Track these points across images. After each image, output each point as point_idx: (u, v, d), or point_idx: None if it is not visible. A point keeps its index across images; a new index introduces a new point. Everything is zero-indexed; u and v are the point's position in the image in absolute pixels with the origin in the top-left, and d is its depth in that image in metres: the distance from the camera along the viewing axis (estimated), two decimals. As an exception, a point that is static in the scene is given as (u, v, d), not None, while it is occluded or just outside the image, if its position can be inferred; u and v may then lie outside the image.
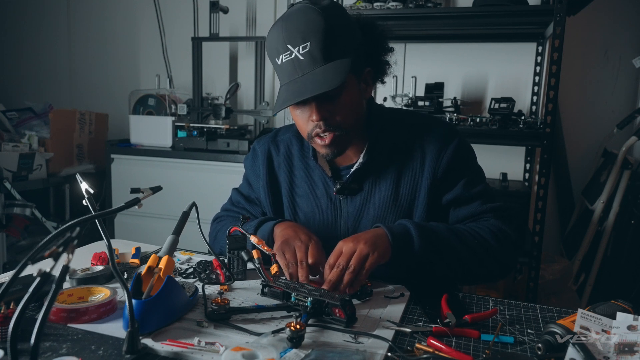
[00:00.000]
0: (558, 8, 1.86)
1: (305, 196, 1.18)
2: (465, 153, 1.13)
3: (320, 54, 0.97)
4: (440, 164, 1.09)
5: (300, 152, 1.21)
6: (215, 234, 1.25)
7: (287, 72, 1.00)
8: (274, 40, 1.00)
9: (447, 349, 0.73)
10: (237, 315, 0.84)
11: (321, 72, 0.97)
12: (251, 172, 1.27)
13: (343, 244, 0.96)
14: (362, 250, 0.94)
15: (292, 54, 0.98)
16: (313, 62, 0.97)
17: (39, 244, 0.57)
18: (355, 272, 0.92)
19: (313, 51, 0.96)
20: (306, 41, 0.96)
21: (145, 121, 2.71)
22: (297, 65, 0.98)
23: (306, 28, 0.96)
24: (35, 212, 2.47)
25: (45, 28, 3.46)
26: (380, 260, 0.95)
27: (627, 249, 2.24)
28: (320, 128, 1.03)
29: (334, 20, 0.98)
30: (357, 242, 0.95)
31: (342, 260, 0.93)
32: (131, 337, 0.70)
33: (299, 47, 0.97)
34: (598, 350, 0.68)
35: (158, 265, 0.86)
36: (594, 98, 2.51)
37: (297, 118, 1.07)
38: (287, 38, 0.97)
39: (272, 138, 1.26)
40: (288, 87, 1.00)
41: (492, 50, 2.53)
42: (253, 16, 2.94)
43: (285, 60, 0.99)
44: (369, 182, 1.12)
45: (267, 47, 1.04)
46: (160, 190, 0.84)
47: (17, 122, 2.86)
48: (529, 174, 2.52)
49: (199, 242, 1.08)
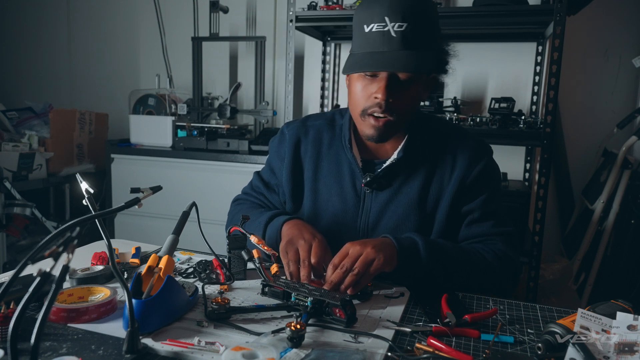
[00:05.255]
0: (558, 8, 1.86)
1: (329, 185, 1.17)
2: (495, 172, 1.16)
3: (414, 39, 0.97)
4: (470, 175, 1.10)
5: (331, 139, 1.20)
6: (232, 217, 1.26)
7: (372, 42, 1.00)
8: (372, 6, 0.99)
9: (447, 349, 0.73)
10: (237, 315, 0.84)
11: (408, 55, 0.97)
12: (275, 155, 1.26)
13: (350, 246, 0.96)
14: (368, 254, 0.93)
15: (385, 26, 0.97)
16: (404, 44, 0.97)
17: (39, 243, 0.57)
18: (358, 275, 0.92)
19: (407, 33, 0.97)
20: (405, 21, 0.96)
21: (145, 121, 2.71)
22: (387, 40, 0.98)
23: (411, 8, 0.97)
24: (35, 212, 2.47)
25: (45, 28, 3.46)
26: (386, 267, 0.95)
27: (627, 249, 2.24)
28: (381, 107, 1.03)
29: (433, 11, 1.01)
30: (364, 246, 0.95)
31: (347, 261, 0.93)
32: (131, 337, 0.70)
33: (396, 24, 0.96)
34: (598, 350, 0.68)
35: (158, 265, 0.86)
36: (594, 98, 2.51)
37: (357, 90, 1.06)
38: (388, 10, 0.97)
39: (302, 123, 1.25)
40: (369, 56, 1.00)
41: (492, 50, 2.52)
42: (253, 16, 2.94)
43: (376, 30, 0.98)
44: (399, 180, 1.12)
45: (361, 9, 1.02)
46: (160, 190, 0.84)
47: (17, 122, 2.86)
48: (529, 173, 2.52)
49: (199, 242, 1.08)
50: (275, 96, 2.96)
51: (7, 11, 3.55)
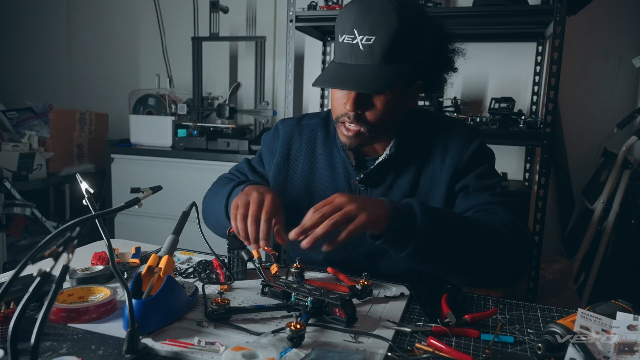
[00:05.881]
0: (558, 8, 1.86)
1: (325, 184, 1.16)
2: (487, 153, 1.14)
3: (381, 53, 0.95)
4: (462, 159, 1.08)
5: (326, 139, 1.19)
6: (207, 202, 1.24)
7: (342, 52, 0.99)
8: (344, 16, 0.98)
9: (447, 349, 0.73)
10: (237, 315, 0.84)
11: (373, 70, 0.96)
12: (267, 150, 1.25)
13: (337, 196, 0.89)
14: (352, 207, 0.86)
15: (354, 39, 0.96)
16: (370, 57, 0.95)
17: (39, 243, 0.57)
18: (335, 225, 0.84)
19: (375, 47, 0.95)
20: (372, 35, 0.94)
21: (145, 121, 2.71)
22: (354, 52, 0.96)
23: (378, 21, 0.94)
24: (35, 212, 2.47)
25: (45, 28, 3.46)
26: (370, 226, 0.86)
27: (627, 249, 2.24)
28: (349, 118, 1.02)
29: (408, 23, 0.95)
30: (351, 200, 0.88)
31: (327, 208, 0.86)
32: (131, 337, 0.70)
33: (364, 37, 0.95)
34: (598, 350, 0.68)
35: (158, 265, 0.86)
36: (594, 98, 2.51)
37: (333, 96, 1.07)
38: (356, 22, 0.95)
39: (297, 121, 1.25)
40: (337, 68, 0.99)
41: (492, 50, 2.52)
42: (253, 16, 2.94)
43: (346, 41, 0.97)
44: (391, 175, 1.11)
45: (338, 17, 1.01)
46: (160, 190, 0.84)
47: (17, 122, 2.86)
48: (529, 173, 2.52)
49: (199, 242, 1.08)
50: (275, 96, 2.96)
51: (7, 11, 3.55)
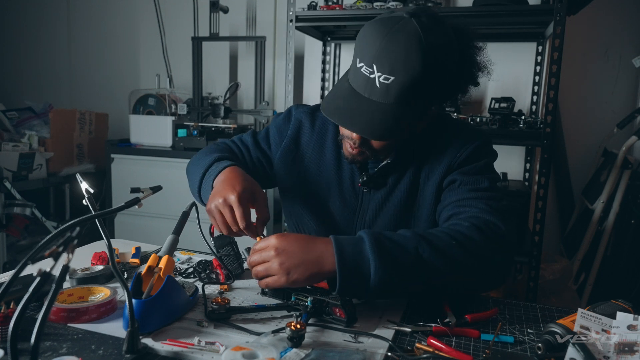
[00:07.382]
0: (558, 8, 1.86)
1: (330, 178, 1.15)
2: (485, 153, 1.08)
3: (396, 95, 0.91)
4: (458, 158, 1.04)
5: (336, 135, 1.16)
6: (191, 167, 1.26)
7: (358, 81, 0.94)
8: (366, 42, 0.92)
9: (447, 349, 0.73)
10: (237, 315, 0.84)
11: (385, 111, 0.92)
12: (276, 131, 1.22)
13: (275, 241, 0.86)
14: (275, 266, 0.84)
15: (372, 73, 0.91)
16: (385, 96, 0.91)
17: (39, 243, 0.57)
18: (258, 277, 0.87)
19: (392, 88, 0.90)
20: (392, 75, 0.89)
21: (145, 121, 2.71)
22: (369, 87, 0.92)
23: (400, 62, 0.88)
24: (35, 212, 2.47)
25: (45, 28, 3.46)
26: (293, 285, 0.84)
27: (627, 249, 2.24)
28: (355, 144, 1.01)
29: (432, 65, 0.90)
30: (280, 253, 0.84)
31: (257, 256, 0.87)
32: (131, 337, 0.70)
33: (382, 75, 0.90)
34: (598, 350, 0.68)
35: (158, 265, 0.86)
36: (594, 98, 2.51)
37: None
38: (377, 57, 0.89)
39: (312, 110, 1.21)
40: (349, 97, 0.95)
41: (492, 50, 2.50)
42: (253, 16, 2.94)
43: (363, 71, 0.92)
44: (393, 178, 1.10)
45: (360, 37, 0.95)
46: (160, 190, 0.84)
47: (17, 122, 2.86)
48: (529, 173, 2.52)
49: (199, 241, 1.08)
50: (275, 96, 2.96)
51: (7, 11, 3.55)
